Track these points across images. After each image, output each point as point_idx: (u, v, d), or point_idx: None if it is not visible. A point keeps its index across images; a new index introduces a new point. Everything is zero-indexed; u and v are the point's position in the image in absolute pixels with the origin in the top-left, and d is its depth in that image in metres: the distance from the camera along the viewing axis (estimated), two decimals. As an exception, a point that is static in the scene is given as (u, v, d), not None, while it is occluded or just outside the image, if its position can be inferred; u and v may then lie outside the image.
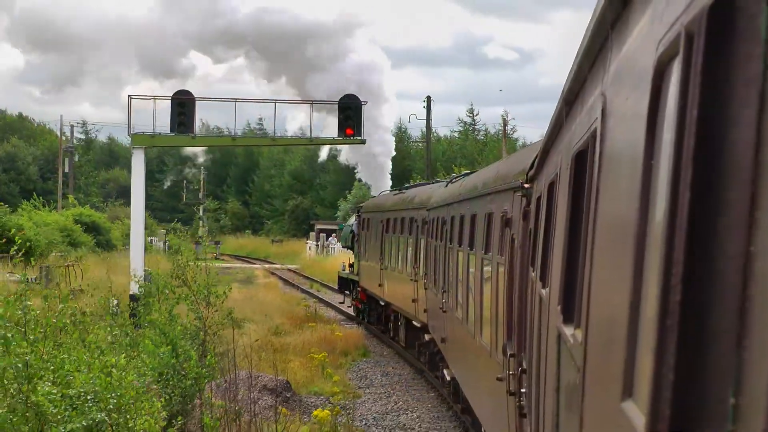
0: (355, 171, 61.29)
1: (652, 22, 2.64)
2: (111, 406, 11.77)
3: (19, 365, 11.57)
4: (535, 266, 8.22)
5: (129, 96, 37.88)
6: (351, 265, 42.34)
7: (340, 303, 45.05)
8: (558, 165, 6.30)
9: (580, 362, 3.92)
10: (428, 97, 67.45)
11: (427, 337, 24.64)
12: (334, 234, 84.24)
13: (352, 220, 44.00)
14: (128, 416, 11.94)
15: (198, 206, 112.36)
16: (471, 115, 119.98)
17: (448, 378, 20.83)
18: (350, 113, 37.87)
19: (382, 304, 33.41)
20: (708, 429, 1.93)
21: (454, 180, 22.53)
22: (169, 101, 36.88)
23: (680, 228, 2.02)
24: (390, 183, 51.79)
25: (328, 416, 19.57)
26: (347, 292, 43.75)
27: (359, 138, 38.30)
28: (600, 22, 3.81)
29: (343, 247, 49.68)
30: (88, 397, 11.73)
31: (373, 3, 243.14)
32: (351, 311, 42.50)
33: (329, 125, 42.13)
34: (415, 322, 26.58)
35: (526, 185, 10.73)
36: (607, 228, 3.44)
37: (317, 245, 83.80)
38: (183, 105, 36.75)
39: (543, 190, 7.83)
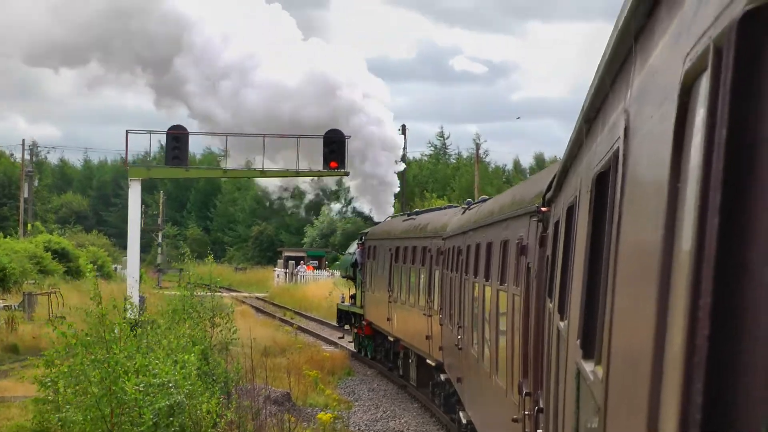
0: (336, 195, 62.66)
1: (678, 35, 2.66)
2: (186, 391, 16.73)
3: (108, 364, 16.55)
4: (552, 296, 8.23)
5: (126, 131, 42.76)
6: (352, 297, 42.18)
7: (340, 338, 44.93)
8: (577, 187, 6.31)
9: (601, 401, 3.93)
10: (404, 125, 69.60)
11: (442, 377, 24.59)
12: (302, 261, 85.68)
13: (353, 247, 43.90)
14: (199, 400, 17.06)
15: (157, 232, 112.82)
16: (441, 138, 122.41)
17: (465, 421, 20.79)
18: (334, 147, 42.30)
19: (391, 340, 33.28)
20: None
21: (471, 206, 22.55)
22: (165, 135, 41.91)
23: (708, 257, 2.03)
24: (392, 209, 51.95)
25: (330, 418, 23.47)
26: (347, 326, 43.55)
27: (343, 170, 42.97)
28: (623, 33, 3.83)
29: (343, 277, 49.59)
30: (170, 385, 16.63)
31: (334, 12, 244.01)
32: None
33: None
34: (429, 361, 26.48)
35: (542, 209, 10.75)
36: (630, 256, 3.45)
37: (286, 273, 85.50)
38: (177, 139, 41.54)
39: (561, 214, 7.85)
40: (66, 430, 16.98)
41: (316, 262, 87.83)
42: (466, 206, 23.62)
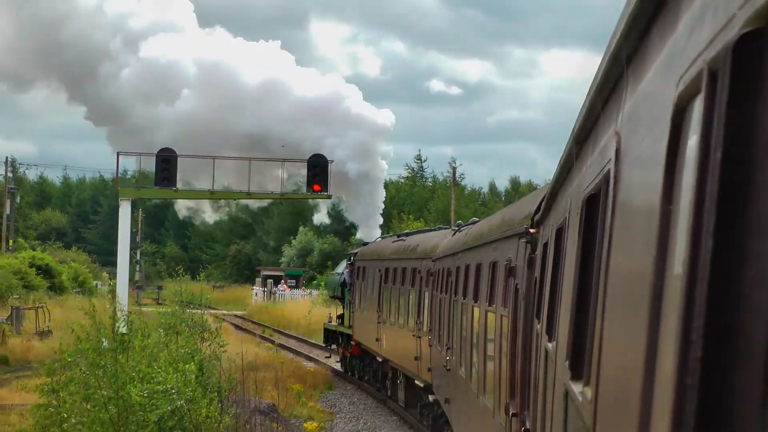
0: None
1: (671, 58, 2.66)
2: (187, 397, 18.30)
3: (116, 370, 18.26)
4: (540, 318, 8.22)
5: (117, 153, 44.48)
6: (339, 317, 42.08)
7: (327, 357, 44.85)
8: (567, 209, 6.31)
9: (590, 422, 3.92)
10: None
11: (431, 398, 24.58)
12: (282, 280, 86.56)
13: (342, 267, 43.84)
14: (199, 405, 18.72)
15: (135, 250, 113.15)
16: (419, 160, 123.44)
17: None
18: (318, 170, 44.10)
19: (380, 360, 33.25)
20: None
21: (461, 228, 22.59)
22: (154, 157, 43.31)
23: (701, 279, 2.03)
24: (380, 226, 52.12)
25: (316, 427, 25.66)
26: (334, 346, 43.45)
27: (326, 193, 44.75)
28: (615, 55, 3.83)
29: (330, 297, 49.52)
30: (173, 391, 18.18)
31: (312, 34, 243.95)
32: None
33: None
34: (417, 382, 26.45)
35: (531, 231, 10.76)
36: (621, 277, 3.44)
37: (264, 291, 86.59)
38: (167, 161, 42.81)
39: (550, 235, 7.85)
40: None
41: (294, 281, 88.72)
42: (456, 228, 23.66)
